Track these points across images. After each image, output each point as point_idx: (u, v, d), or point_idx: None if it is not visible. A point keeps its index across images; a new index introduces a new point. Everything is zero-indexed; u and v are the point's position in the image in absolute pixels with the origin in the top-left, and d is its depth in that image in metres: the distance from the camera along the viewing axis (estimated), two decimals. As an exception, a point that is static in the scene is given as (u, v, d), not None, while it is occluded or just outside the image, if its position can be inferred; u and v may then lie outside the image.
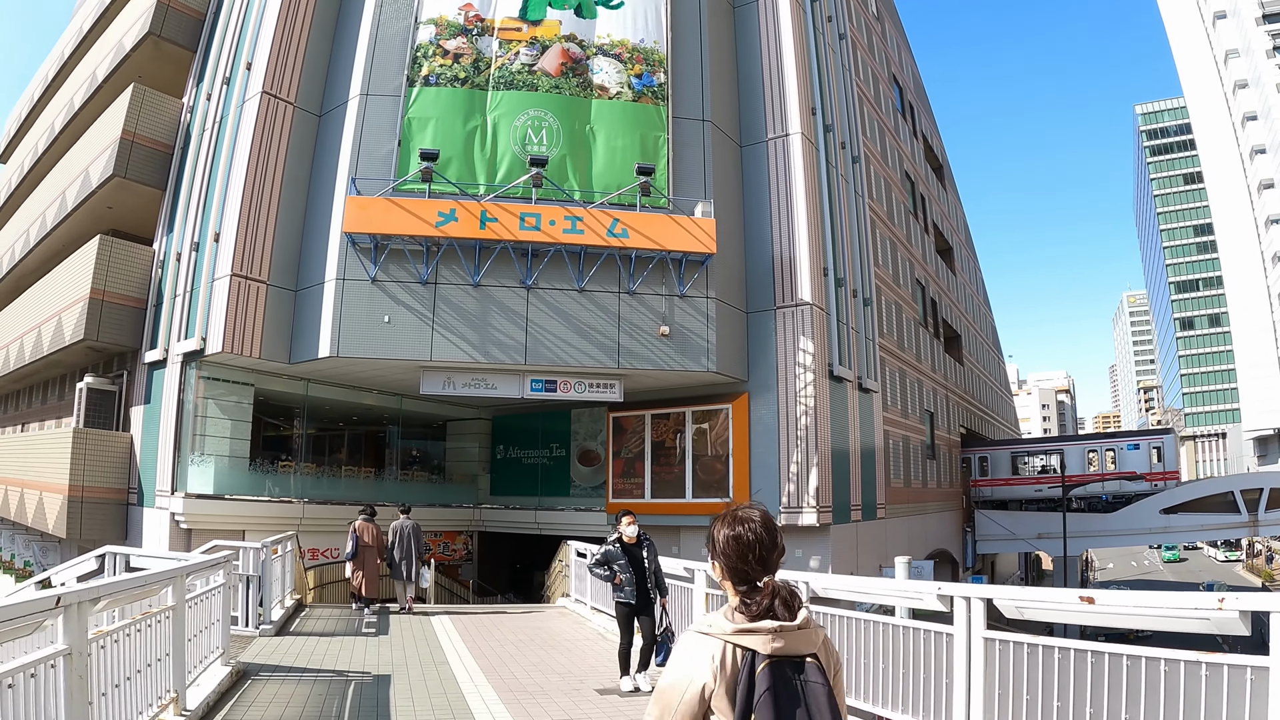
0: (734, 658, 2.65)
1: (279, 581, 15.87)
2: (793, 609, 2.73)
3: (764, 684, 2.60)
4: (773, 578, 2.79)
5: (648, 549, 11.09)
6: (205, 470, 21.72)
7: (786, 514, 21.65)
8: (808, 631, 2.72)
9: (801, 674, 2.68)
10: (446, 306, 20.14)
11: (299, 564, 18.85)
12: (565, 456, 27.05)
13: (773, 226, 23.39)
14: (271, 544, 15.12)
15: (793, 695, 2.64)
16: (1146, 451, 43.77)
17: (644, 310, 20.89)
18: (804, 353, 22.25)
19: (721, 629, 2.69)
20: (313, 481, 24.56)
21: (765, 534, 2.82)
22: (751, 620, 2.70)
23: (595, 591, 16.49)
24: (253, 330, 20.81)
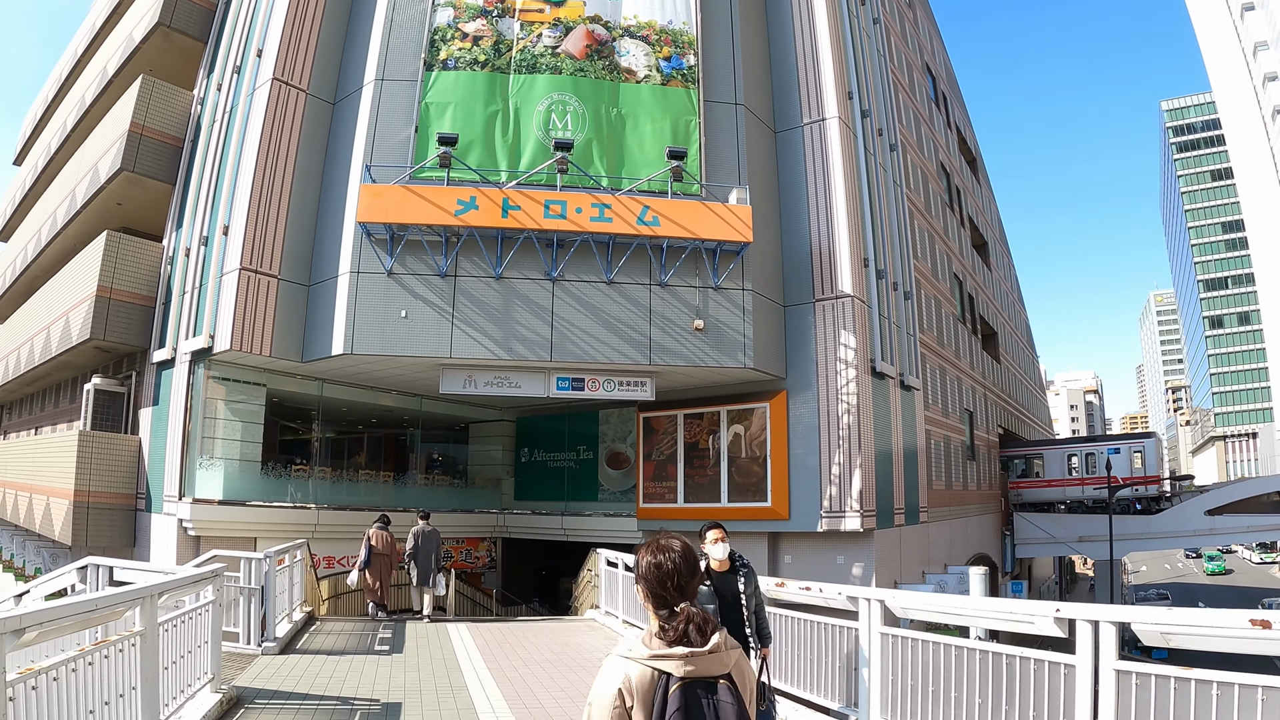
0: (650, 679, 2.89)
1: (286, 594, 14.64)
2: (705, 634, 2.96)
3: (675, 704, 2.85)
4: (689, 604, 3.03)
5: (745, 578, 7.49)
6: (214, 474, 20.52)
7: (828, 518, 20.25)
8: (719, 655, 2.95)
9: (714, 694, 2.91)
10: (467, 300, 18.86)
11: (310, 574, 17.62)
12: (593, 459, 25.71)
13: (810, 215, 22.01)
14: (277, 553, 13.88)
15: (703, 714, 2.87)
16: (1127, 456, 42.30)
17: (676, 303, 19.55)
18: (845, 347, 20.85)
19: (639, 654, 2.95)
20: (329, 486, 23.30)
21: (684, 564, 3.08)
22: (669, 645, 2.94)
23: (628, 603, 15.16)
24: (263, 327, 19.60)
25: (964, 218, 39.77)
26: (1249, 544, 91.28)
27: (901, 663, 8.02)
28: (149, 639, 7.23)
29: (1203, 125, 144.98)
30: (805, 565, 21.17)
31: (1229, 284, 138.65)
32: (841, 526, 20.14)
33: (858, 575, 20.81)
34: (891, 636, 8.22)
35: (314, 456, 23.81)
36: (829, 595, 9.26)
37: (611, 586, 16.07)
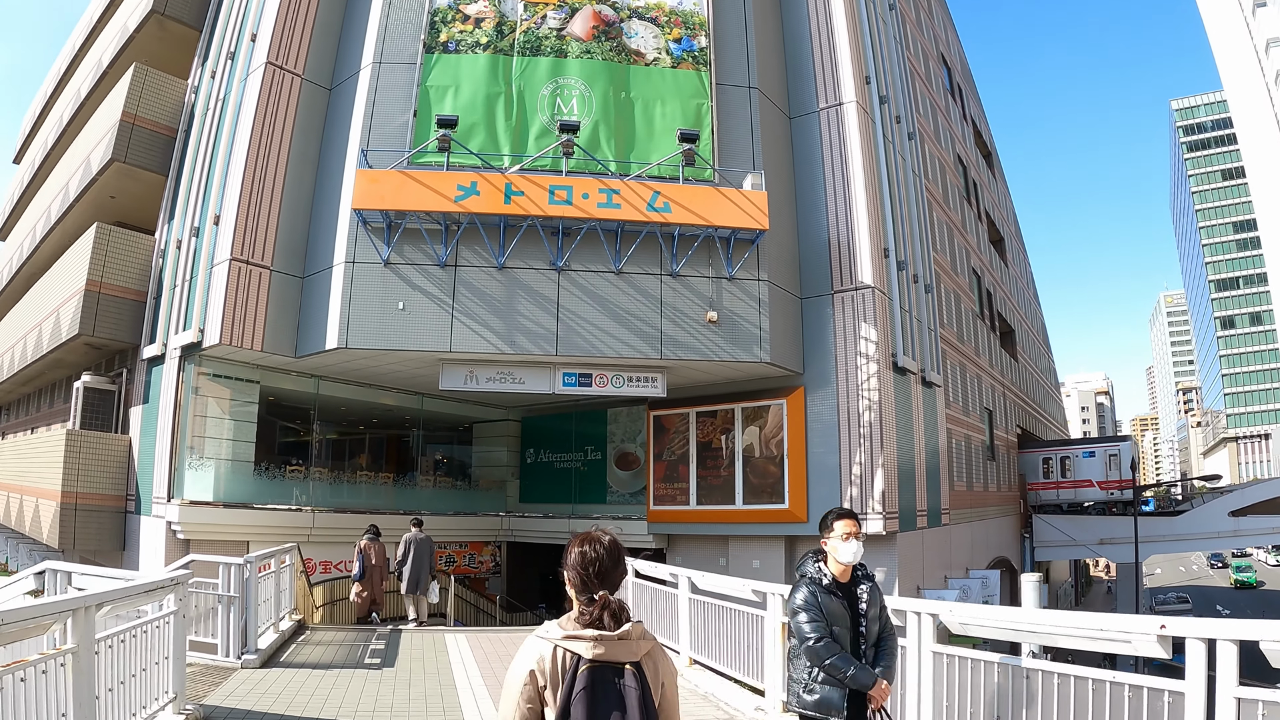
0: (562, 659, 3.18)
1: (272, 601, 13.61)
2: (619, 621, 3.25)
3: (582, 683, 3.12)
4: (609, 593, 3.33)
5: (869, 592, 6.00)
6: (204, 475, 19.50)
7: (849, 521, 19.12)
8: (629, 642, 3.23)
9: (620, 678, 3.17)
10: (468, 291, 17.79)
11: (302, 580, 16.58)
12: (601, 460, 24.60)
13: (827, 204, 20.91)
14: (260, 559, 12.85)
15: (607, 695, 3.13)
16: (1102, 459, 41.14)
17: (688, 294, 18.46)
18: (866, 341, 19.75)
19: (554, 634, 3.24)
20: (326, 488, 22.24)
21: (607, 555, 3.36)
22: (583, 628, 3.22)
23: (638, 612, 14.08)
24: (254, 320, 18.56)
25: (981, 212, 38.62)
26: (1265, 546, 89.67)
27: (960, 688, 6.93)
28: (83, 657, 6.22)
29: (1213, 125, 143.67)
30: (824, 570, 20.05)
31: (1240, 284, 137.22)
32: (864, 530, 19.00)
33: (880, 580, 19.66)
34: (946, 657, 7.12)
35: (309, 457, 22.71)
36: None
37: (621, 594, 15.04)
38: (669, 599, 12.55)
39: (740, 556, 20.76)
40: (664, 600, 12.85)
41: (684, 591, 11.81)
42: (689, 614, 11.63)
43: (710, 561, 21.27)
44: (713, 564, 21.21)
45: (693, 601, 11.62)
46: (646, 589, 13.71)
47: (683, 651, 11.80)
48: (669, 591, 12.58)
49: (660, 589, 13.14)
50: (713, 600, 11.00)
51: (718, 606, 10.79)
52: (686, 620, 11.67)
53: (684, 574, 11.91)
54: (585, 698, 3.09)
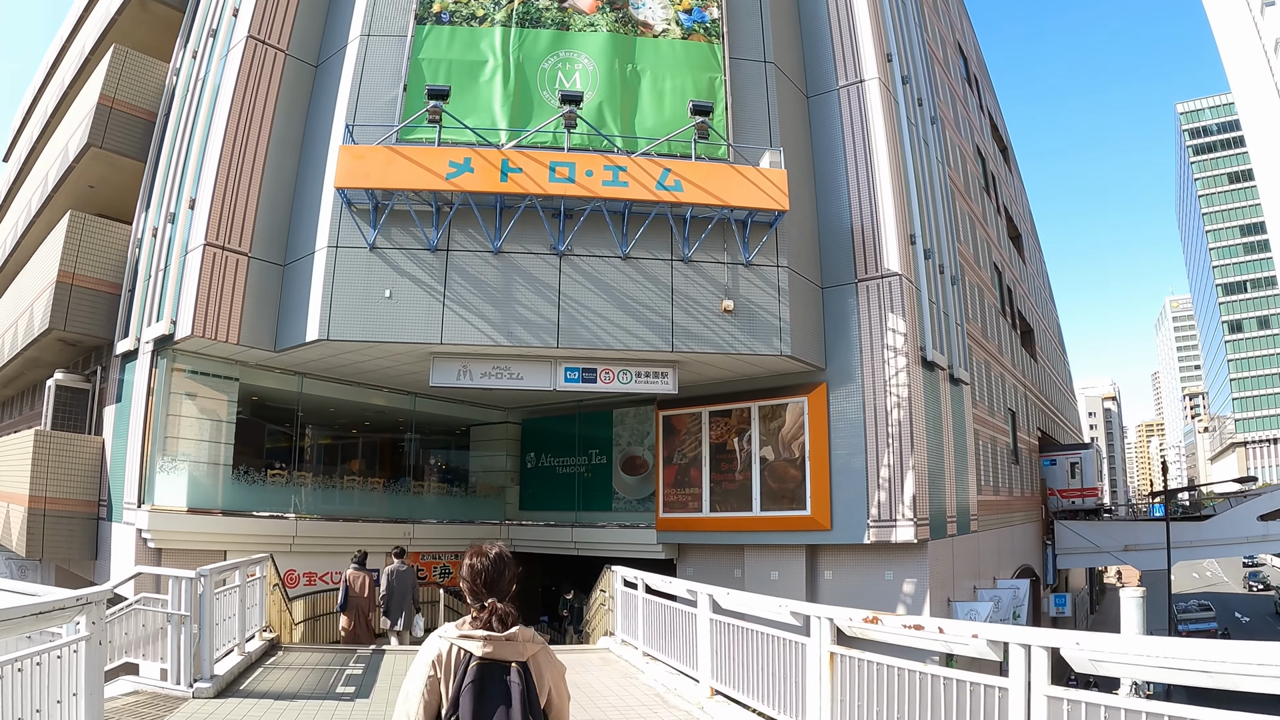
0: (456, 655, 3.58)
1: (237, 619, 11.94)
2: (506, 625, 3.62)
3: (471, 676, 3.51)
4: (498, 599, 3.69)
5: None
6: (177, 479, 17.86)
7: (876, 528, 17.48)
8: (515, 644, 3.61)
9: (506, 675, 3.56)
10: (461, 278, 16.16)
11: (278, 594, 14.92)
12: (607, 464, 22.91)
13: (849, 187, 19.29)
14: (220, 571, 11.22)
15: (493, 688, 3.52)
16: (1064, 467, 39.52)
17: (702, 281, 16.81)
18: (893, 333, 18.10)
19: (450, 634, 3.63)
20: (310, 494, 20.51)
21: (492, 566, 3.77)
22: (475, 630, 3.60)
23: (653, 631, 12.40)
24: (230, 311, 16.96)
25: (1000, 206, 36.95)
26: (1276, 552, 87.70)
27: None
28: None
29: (1218, 128, 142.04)
30: (848, 582, 18.41)
31: (1248, 287, 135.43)
32: (892, 537, 17.37)
33: (909, 593, 18.04)
34: (1069, 704, 5.32)
35: (294, 461, 21.04)
36: (953, 637, 6.45)
37: (630, 611, 13.31)
38: (686, 619, 10.87)
39: (757, 567, 19.08)
40: (680, 620, 11.16)
41: (704, 611, 10.14)
42: (711, 637, 9.93)
43: (724, 573, 19.61)
44: (727, 575, 19.55)
45: (715, 623, 9.92)
46: (659, 607, 12.03)
47: (702, 680, 10.12)
48: (686, 610, 10.91)
49: (674, 607, 11.46)
50: (740, 622, 9.31)
51: (746, 630, 9.09)
52: (708, 644, 9.98)
53: (705, 590, 10.23)
54: (473, 690, 3.50)
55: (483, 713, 3.49)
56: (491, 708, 3.50)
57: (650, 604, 12.26)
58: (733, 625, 9.43)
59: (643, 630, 12.56)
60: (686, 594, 10.85)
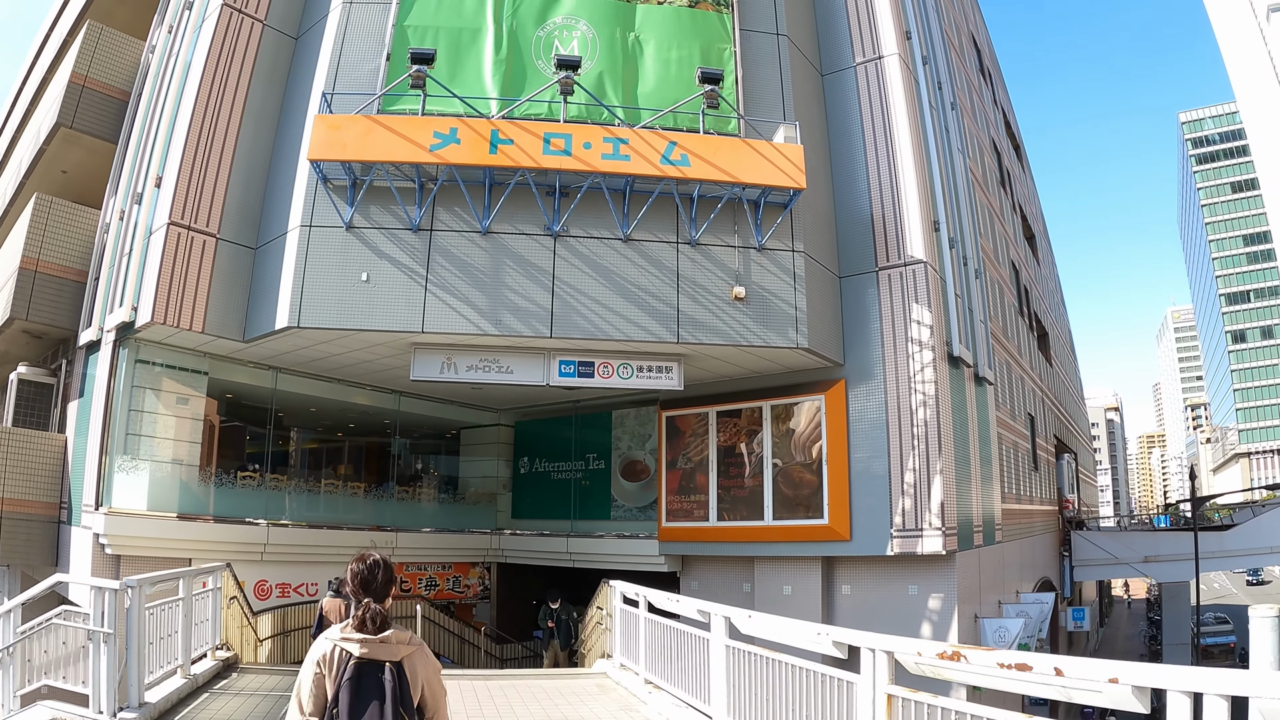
0: (338, 654, 4.05)
1: (179, 637, 10.33)
2: (380, 628, 4.08)
3: (349, 674, 3.99)
4: (373, 601, 4.15)
5: None
6: (137, 480, 16.22)
7: (901, 538, 15.83)
8: (390, 645, 4.09)
9: (380, 673, 4.01)
10: (445, 261, 14.54)
11: (239, 607, 13.29)
12: (605, 470, 21.23)
13: (868, 169, 17.69)
14: (157, 581, 9.63)
15: (368, 684, 3.98)
16: None
17: (710, 266, 15.19)
18: (918, 325, 16.49)
19: (334, 635, 4.11)
20: (285, 499, 18.87)
21: (368, 571, 4.22)
22: (355, 632, 4.08)
23: (653, 656, 10.78)
24: (195, 296, 15.35)
25: (1015, 204, 35.33)
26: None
27: None
28: None
29: (1220, 137, 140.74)
30: (869, 598, 16.76)
31: (1251, 297, 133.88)
32: (918, 548, 15.72)
33: (935, 609, 16.40)
34: None
35: (267, 463, 19.34)
36: (1080, 680, 4.75)
37: (630, 631, 11.68)
38: (697, 644, 9.22)
39: (768, 581, 17.42)
40: (690, 645, 9.51)
41: (719, 635, 8.51)
42: (728, 667, 8.29)
43: (731, 587, 17.98)
44: (735, 589, 17.91)
45: (733, 651, 8.28)
46: (664, 628, 10.39)
47: (716, 717, 8.49)
48: (696, 634, 9.26)
49: (681, 629, 9.82)
50: (764, 651, 7.68)
51: (773, 661, 7.45)
52: (723, 675, 8.34)
53: (720, 612, 8.60)
54: (350, 686, 3.98)
55: (358, 706, 3.95)
56: (366, 701, 3.95)
57: (654, 625, 10.65)
58: (755, 655, 7.80)
59: (645, 654, 10.93)
60: (697, 615, 9.21)
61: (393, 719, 3.99)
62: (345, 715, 3.94)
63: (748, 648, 7.90)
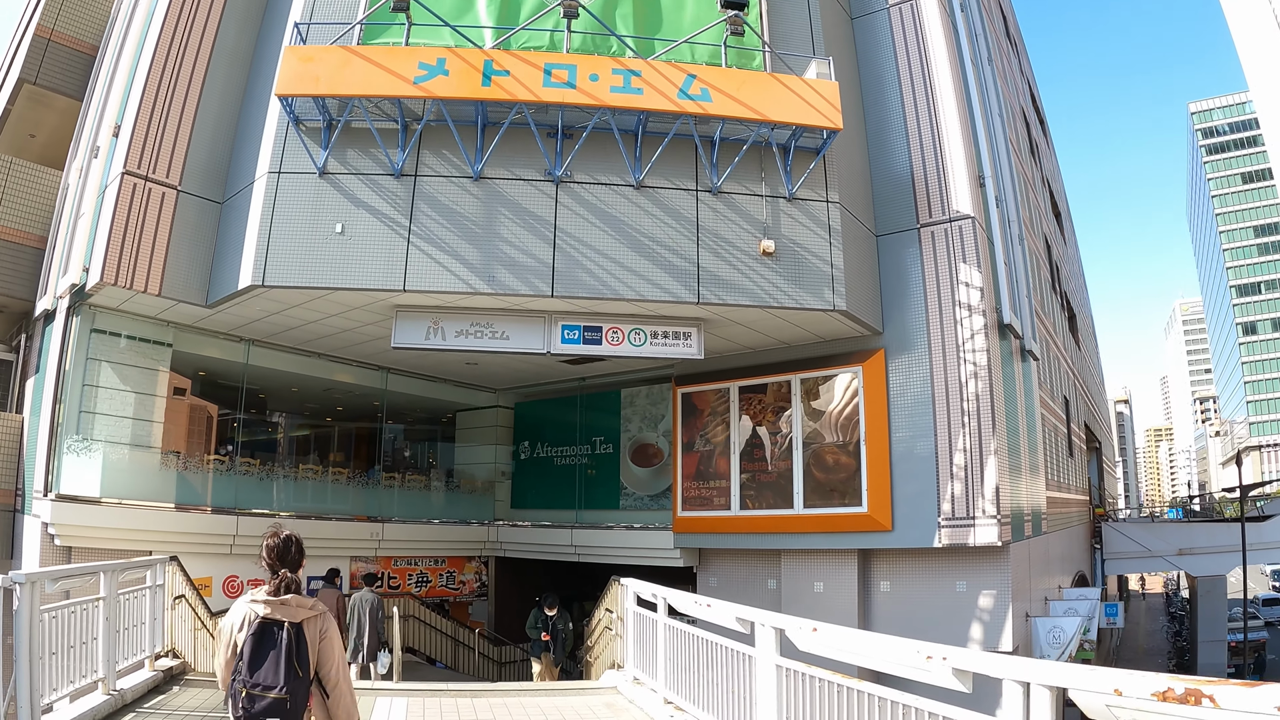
0: (249, 614, 4.63)
1: (98, 644, 8.36)
2: (286, 592, 4.70)
3: (252, 630, 4.57)
4: (288, 570, 4.77)
5: None
6: (89, 463, 14.26)
7: (950, 528, 13.83)
8: (289, 608, 4.65)
9: (281, 631, 4.58)
10: (431, 210, 12.53)
11: (191, 608, 11.32)
12: (613, 454, 19.19)
13: (906, 117, 15.67)
14: (58, 577, 7.69)
15: (268, 641, 4.56)
16: None
17: (735, 218, 13.16)
18: (966, 287, 14.46)
19: (246, 598, 4.72)
20: (259, 485, 16.89)
21: (282, 545, 4.82)
22: (269, 597, 4.67)
23: (675, 671, 8.77)
24: (151, 255, 13.38)
25: (1044, 177, 33.23)
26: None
27: None
28: None
29: (1231, 127, 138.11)
30: (911, 596, 14.76)
31: (1262, 289, 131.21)
32: (970, 539, 13.70)
33: (986, 608, 14.38)
34: None
35: (238, 446, 17.32)
36: None
37: (646, 639, 9.67)
38: (735, 661, 7.17)
39: (797, 577, 15.39)
40: (723, 661, 7.47)
41: (768, 652, 6.47)
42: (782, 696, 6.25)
43: (756, 583, 16.00)
44: (759, 586, 15.93)
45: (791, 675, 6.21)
46: (688, 639, 8.36)
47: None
48: (735, 649, 7.21)
49: (712, 640, 7.81)
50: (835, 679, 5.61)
51: (854, 694, 5.36)
52: (774, 706, 6.32)
53: (769, 621, 6.54)
54: (252, 640, 4.55)
55: (257, 656, 4.54)
56: (265, 653, 4.54)
57: (677, 633, 8.64)
58: (827, 683, 5.73)
59: (664, 668, 8.92)
60: (736, 624, 7.17)
61: (285, 669, 4.51)
62: (246, 663, 4.51)
63: (812, 672, 5.85)
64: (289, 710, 4.50)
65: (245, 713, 4.49)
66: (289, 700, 4.49)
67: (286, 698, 4.48)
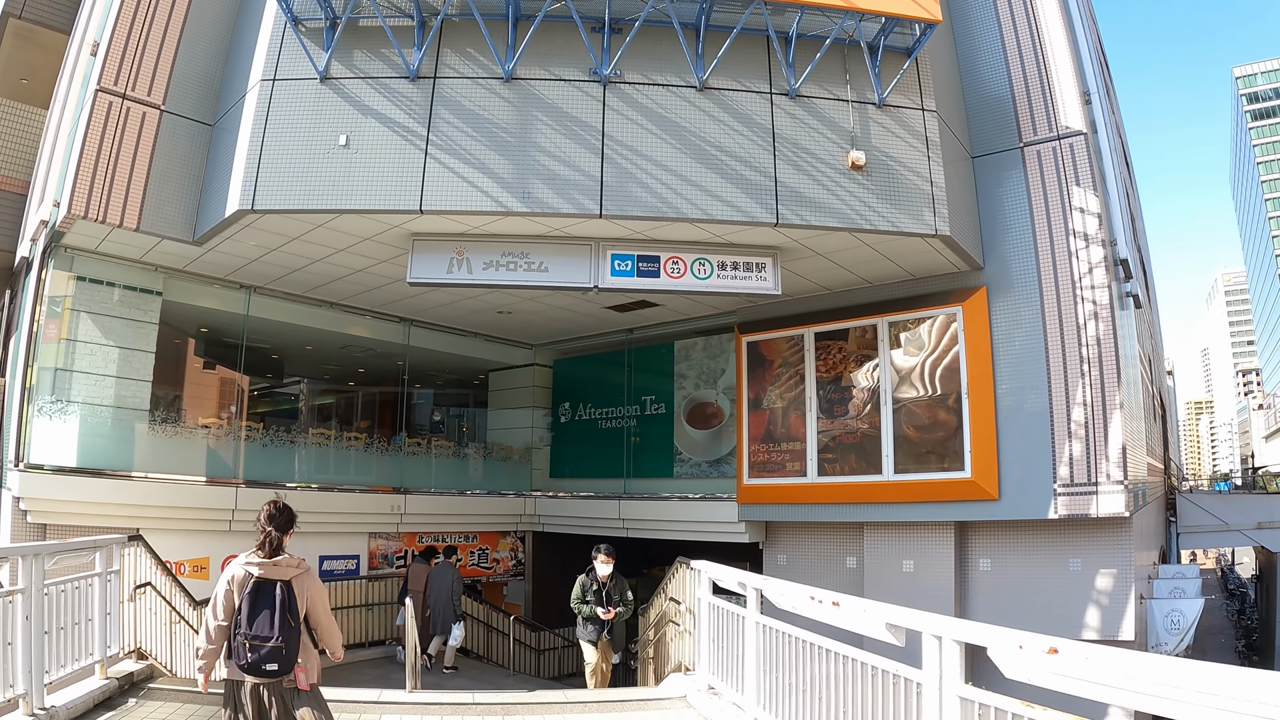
0: (243, 576, 5.25)
1: (15, 652, 6.30)
2: (275, 553, 5.35)
3: (248, 588, 5.19)
4: (275, 531, 5.38)
5: None
6: (66, 428, 12.26)
7: (1067, 496, 11.55)
8: (280, 568, 5.28)
9: (274, 589, 5.20)
10: (454, 117, 10.32)
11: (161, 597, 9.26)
12: (666, 415, 16.86)
13: (1001, 23, 13.29)
14: None
15: (264, 598, 5.17)
16: None
17: (816, 125, 10.86)
18: (1083, 214, 12.12)
19: (242, 560, 5.31)
20: (261, 453, 14.79)
21: (278, 512, 5.47)
22: (261, 558, 5.30)
23: (774, 686, 6.57)
24: (128, 183, 11.29)
25: (1117, 124, 30.58)
26: None
27: None
28: None
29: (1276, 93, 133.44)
30: (1014, 576, 12.50)
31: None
32: (1091, 509, 11.42)
33: (1104, 590, 12.11)
34: None
35: (241, 408, 15.22)
36: None
37: (729, 640, 7.47)
38: (889, 689, 4.97)
39: (882, 554, 13.13)
40: (868, 684, 5.26)
41: (948, 678, 4.28)
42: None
43: (832, 562, 13.79)
44: (836, 565, 13.72)
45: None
46: (804, 650, 6.13)
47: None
48: (888, 670, 4.98)
49: (836, 650, 5.61)
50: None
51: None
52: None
53: (949, 634, 4.31)
54: (250, 598, 5.17)
55: (255, 612, 5.14)
56: (261, 609, 5.15)
57: (778, 637, 6.44)
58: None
59: (756, 680, 6.74)
60: (886, 634, 4.92)
61: (279, 621, 5.14)
62: (245, 618, 5.14)
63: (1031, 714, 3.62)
64: (284, 655, 5.17)
65: (247, 661, 5.13)
66: (284, 648, 5.16)
67: (281, 645, 5.14)
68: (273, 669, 5.15)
